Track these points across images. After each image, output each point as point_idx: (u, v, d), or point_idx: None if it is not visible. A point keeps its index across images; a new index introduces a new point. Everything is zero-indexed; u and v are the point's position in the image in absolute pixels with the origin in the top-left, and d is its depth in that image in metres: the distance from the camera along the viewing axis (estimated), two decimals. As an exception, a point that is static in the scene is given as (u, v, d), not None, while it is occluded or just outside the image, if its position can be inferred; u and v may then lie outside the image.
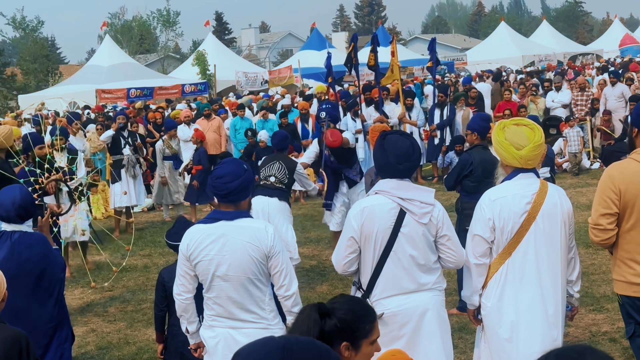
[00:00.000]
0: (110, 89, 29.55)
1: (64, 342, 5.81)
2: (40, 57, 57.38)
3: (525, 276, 4.82)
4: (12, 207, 5.61)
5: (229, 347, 4.67)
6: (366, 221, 4.78)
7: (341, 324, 3.07)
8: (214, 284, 4.66)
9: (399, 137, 4.96)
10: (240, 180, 4.65)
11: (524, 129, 4.84)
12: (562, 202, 4.86)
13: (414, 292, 4.83)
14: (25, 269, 5.59)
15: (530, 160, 4.82)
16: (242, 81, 32.90)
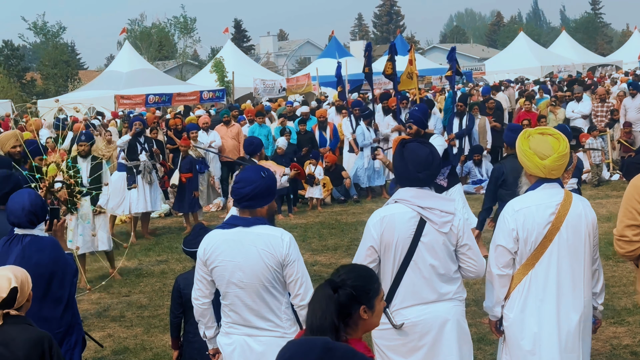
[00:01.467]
0: (129, 94, 29.71)
1: (73, 348, 5.77)
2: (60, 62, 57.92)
3: (549, 288, 4.74)
4: (22, 213, 5.60)
5: (244, 354, 4.65)
6: (386, 230, 4.73)
7: (356, 291, 3.33)
8: (229, 291, 4.62)
9: (418, 145, 4.91)
10: (253, 186, 4.61)
11: (549, 138, 4.77)
12: (586, 213, 4.79)
13: (434, 302, 4.77)
14: (36, 273, 5.54)
15: (554, 170, 4.75)
16: (259, 88, 32.95)
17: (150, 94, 29.66)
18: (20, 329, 4.39)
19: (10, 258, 5.52)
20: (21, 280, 4.40)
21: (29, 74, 61.05)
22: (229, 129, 16.98)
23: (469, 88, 27.98)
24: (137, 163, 13.75)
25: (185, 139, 15.26)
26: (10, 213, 5.66)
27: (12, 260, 5.44)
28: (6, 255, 5.56)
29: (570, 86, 21.15)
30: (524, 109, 18.42)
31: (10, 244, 5.65)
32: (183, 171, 14.30)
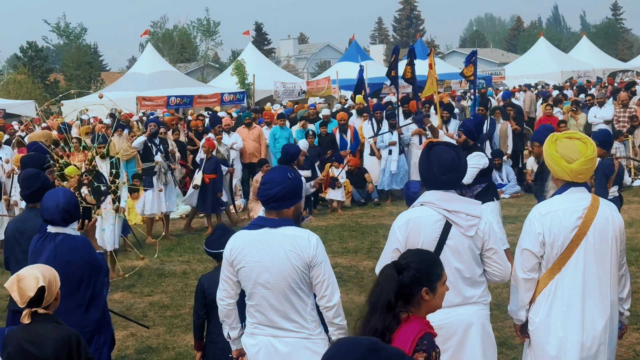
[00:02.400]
0: (151, 96, 29.82)
1: (102, 347, 5.80)
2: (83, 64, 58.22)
3: (575, 292, 4.70)
4: (56, 211, 5.62)
5: (269, 355, 4.64)
6: (411, 233, 4.73)
7: (418, 273, 3.66)
8: (255, 291, 4.61)
9: (444, 148, 4.90)
10: (280, 187, 4.60)
11: (577, 142, 4.73)
12: (613, 218, 4.74)
13: (459, 306, 4.75)
14: (67, 271, 5.58)
15: (581, 174, 4.71)
16: (280, 91, 32.99)
17: (171, 95, 29.77)
18: (48, 327, 4.41)
19: (42, 256, 5.55)
20: (49, 279, 4.42)
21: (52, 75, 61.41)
22: (250, 131, 17.02)
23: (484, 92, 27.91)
24: (151, 164, 13.75)
25: (209, 140, 15.28)
26: (45, 210, 5.69)
27: (44, 258, 5.48)
28: (39, 253, 5.59)
29: (628, 89, 20.85)
30: (545, 113, 18.34)
31: (43, 242, 5.68)
32: (207, 172, 14.29)
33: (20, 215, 6.63)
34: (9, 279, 4.47)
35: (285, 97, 32.11)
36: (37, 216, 6.38)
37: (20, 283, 4.37)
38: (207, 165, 14.41)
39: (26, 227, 6.35)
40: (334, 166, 15.89)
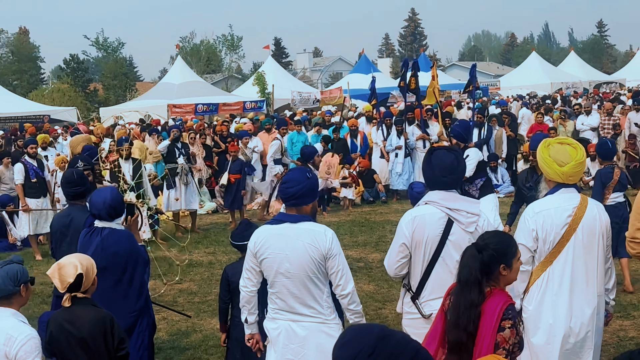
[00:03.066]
0: (180, 104, 29.86)
1: (145, 330, 5.82)
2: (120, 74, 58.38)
3: (564, 283, 4.70)
4: (103, 207, 5.65)
5: (289, 338, 4.65)
6: (417, 229, 4.72)
7: (496, 252, 3.80)
8: (276, 280, 4.62)
9: (445, 152, 4.91)
10: (300, 186, 4.61)
11: (568, 147, 4.73)
12: (600, 216, 4.74)
13: (460, 295, 4.73)
14: (113, 262, 5.62)
15: (571, 177, 4.71)
16: (296, 100, 32.99)
17: (199, 103, 29.79)
18: (86, 309, 4.45)
19: (90, 248, 5.58)
20: (86, 267, 4.47)
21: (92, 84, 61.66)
22: (270, 136, 17.05)
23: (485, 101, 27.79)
24: (174, 166, 13.76)
25: (234, 145, 15.29)
26: (93, 206, 5.73)
27: (92, 250, 5.51)
28: (87, 246, 5.62)
29: (635, 97, 20.63)
30: (536, 121, 18.29)
31: (90, 236, 5.71)
32: (233, 172, 14.34)
33: (65, 211, 6.67)
34: (51, 267, 4.52)
35: (301, 105, 32.10)
36: (80, 211, 6.42)
37: (61, 271, 4.42)
38: (232, 167, 14.46)
39: (71, 221, 6.39)
40: (345, 167, 15.88)
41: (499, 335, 3.68)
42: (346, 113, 22.98)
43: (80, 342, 4.37)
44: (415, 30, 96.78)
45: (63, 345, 4.42)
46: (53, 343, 4.46)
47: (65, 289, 4.42)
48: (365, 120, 19.48)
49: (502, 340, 3.68)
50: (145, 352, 5.78)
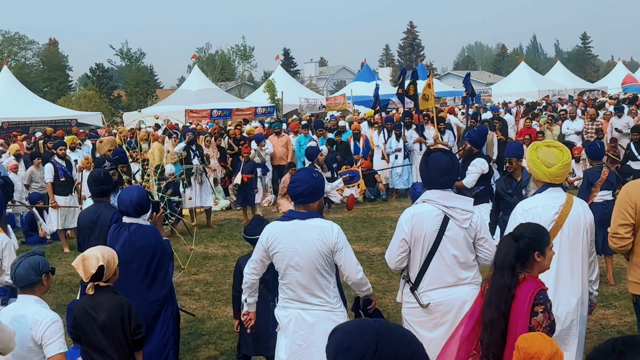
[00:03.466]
0: (197, 109, 29.87)
1: (170, 318, 5.85)
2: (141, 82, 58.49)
3: (551, 275, 4.66)
4: (130, 204, 5.69)
5: (298, 324, 4.65)
6: (416, 225, 4.72)
7: (532, 240, 3.88)
8: (287, 272, 4.62)
9: (440, 154, 4.90)
10: (306, 186, 4.61)
11: (554, 150, 4.72)
12: (585, 214, 4.73)
13: (455, 286, 4.74)
14: (139, 255, 5.64)
15: (558, 177, 4.70)
16: (303, 106, 33.04)
17: (214, 108, 29.82)
18: (107, 296, 4.48)
19: (119, 242, 5.61)
20: (107, 259, 4.49)
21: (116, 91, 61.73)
22: (279, 139, 17.06)
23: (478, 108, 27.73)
24: (190, 166, 13.78)
25: (246, 147, 15.30)
26: (121, 203, 5.76)
27: (120, 244, 5.55)
28: (116, 240, 5.65)
29: (599, 108, 20.59)
30: (525, 125, 18.23)
31: (119, 231, 5.74)
32: (245, 172, 14.36)
33: (92, 207, 6.68)
34: (76, 259, 4.55)
35: (308, 111, 32.13)
36: (106, 208, 6.43)
37: (85, 262, 4.46)
38: (245, 167, 14.48)
39: (98, 217, 6.39)
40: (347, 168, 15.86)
41: (533, 319, 3.74)
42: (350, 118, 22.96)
43: (101, 326, 4.40)
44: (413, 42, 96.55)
45: (86, 329, 4.45)
46: (77, 327, 4.49)
47: (89, 279, 4.45)
48: (367, 124, 19.46)
49: (536, 324, 3.74)
50: (171, 337, 5.81)
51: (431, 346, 4.71)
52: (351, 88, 35.40)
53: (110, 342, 4.40)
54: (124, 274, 5.64)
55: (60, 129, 24.24)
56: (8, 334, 3.85)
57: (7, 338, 3.83)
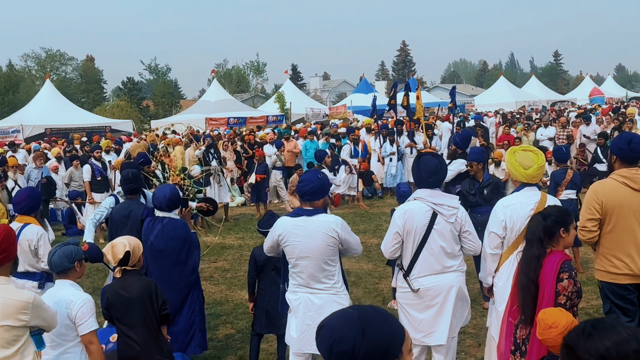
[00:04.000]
0: (216, 117, 29.90)
1: (196, 300, 5.88)
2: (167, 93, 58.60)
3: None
4: (163, 200, 5.75)
5: (307, 307, 4.65)
6: (408, 220, 4.71)
7: (558, 218, 3.97)
8: (297, 262, 4.62)
9: (430, 157, 4.88)
10: (313, 185, 4.60)
11: (530, 154, 4.71)
12: (557, 209, 4.71)
13: (443, 273, 4.73)
14: (171, 245, 5.68)
15: (534, 177, 4.69)
16: (309, 114, 33.03)
17: (230, 117, 29.85)
18: (135, 278, 4.53)
19: (153, 233, 5.67)
20: (133, 246, 4.54)
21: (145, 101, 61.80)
22: (288, 143, 17.04)
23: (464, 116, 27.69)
24: (208, 168, 13.77)
25: (259, 151, 15.29)
26: (155, 199, 5.82)
27: (154, 235, 5.60)
28: (150, 231, 5.70)
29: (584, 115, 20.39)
30: (504, 132, 18.22)
31: (153, 224, 5.79)
32: (258, 173, 14.37)
33: (124, 204, 6.69)
34: (106, 246, 4.62)
35: (313, 119, 32.13)
36: (137, 204, 6.45)
37: (113, 249, 4.52)
38: (258, 168, 14.48)
39: (130, 212, 6.41)
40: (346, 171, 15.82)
41: (559, 285, 3.82)
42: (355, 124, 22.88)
43: (132, 304, 4.42)
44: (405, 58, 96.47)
45: (118, 308, 4.47)
46: (110, 307, 4.51)
47: (117, 263, 4.49)
48: (365, 131, 19.43)
49: (561, 289, 3.81)
50: (197, 317, 5.86)
51: (421, 326, 4.72)
52: (351, 99, 35.41)
53: (140, 318, 4.43)
54: (158, 261, 5.67)
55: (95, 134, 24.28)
56: (52, 314, 3.87)
57: (51, 316, 3.85)
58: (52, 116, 28.55)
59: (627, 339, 1.93)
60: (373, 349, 1.88)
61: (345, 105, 33.78)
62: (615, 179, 4.70)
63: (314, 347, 4.62)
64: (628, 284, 4.72)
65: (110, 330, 5.16)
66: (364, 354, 1.88)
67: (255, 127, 27.88)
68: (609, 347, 1.92)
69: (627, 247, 4.66)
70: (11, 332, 3.65)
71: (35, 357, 3.79)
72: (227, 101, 35.94)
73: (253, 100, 62.13)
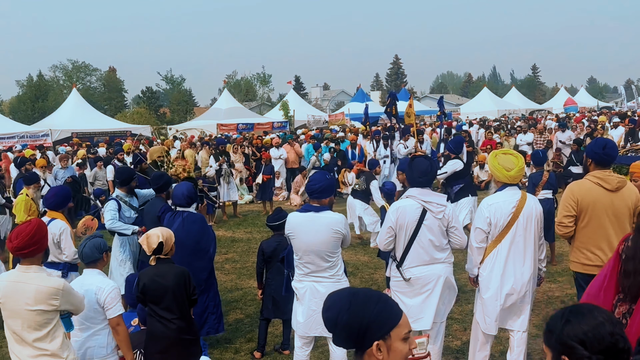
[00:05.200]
0: (226, 123, 29.90)
1: (210, 287, 5.97)
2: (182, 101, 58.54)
3: (510, 256, 4.69)
4: (182, 196, 5.81)
5: (312, 294, 4.66)
6: (400, 216, 4.72)
7: None
8: (304, 255, 4.62)
9: (422, 159, 4.88)
10: (320, 184, 4.61)
11: (511, 157, 4.72)
12: (536, 207, 4.73)
13: (432, 264, 4.74)
14: (190, 236, 5.72)
15: (515, 178, 4.70)
16: (311, 121, 33.03)
17: (239, 123, 29.84)
18: (168, 266, 4.53)
19: (174, 225, 5.69)
20: (166, 237, 4.54)
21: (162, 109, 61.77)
22: (292, 147, 17.04)
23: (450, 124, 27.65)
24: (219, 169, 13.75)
25: (266, 153, 15.30)
26: (175, 197, 5.88)
27: (176, 226, 5.63)
28: (171, 224, 5.74)
29: (560, 122, 20.32)
30: (487, 137, 18.21)
31: (174, 217, 5.85)
32: (265, 174, 14.38)
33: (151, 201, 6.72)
34: (141, 237, 4.63)
35: (314, 125, 32.13)
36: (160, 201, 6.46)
37: (148, 239, 4.52)
38: (265, 169, 14.50)
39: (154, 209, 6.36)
40: (347, 171, 15.83)
41: None
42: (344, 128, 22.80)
43: (169, 290, 4.42)
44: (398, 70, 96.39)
45: (155, 293, 4.45)
46: (147, 292, 4.46)
47: (151, 252, 4.49)
48: (362, 136, 19.43)
49: None
50: (211, 303, 5.91)
51: (411, 311, 4.73)
52: (349, 107, 35.47)
53: (175, 301, 4.44)
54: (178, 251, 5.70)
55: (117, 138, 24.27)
56: (79, 298, 3.88)
57: (79, 301, 3.87)
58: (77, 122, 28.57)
59: (603, 322, 1.94)
60: (353, 322, 1.90)
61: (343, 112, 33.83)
62: (591, 180, 4.71)
63: (318, 329, 4.64)
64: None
65: (132, 314, 5.18)
66: (344, 323, 1.91)
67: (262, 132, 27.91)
68: (586, 331, 1.92)
69: (599, 241, 4.67)
70: (43, 316, 3.67)
71: (65, 338, 3.81)
72: (237, 109, 35.93)
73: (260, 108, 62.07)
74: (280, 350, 5.94)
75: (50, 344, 3.70)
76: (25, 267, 3.72)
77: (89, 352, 4.20)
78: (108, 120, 33.56)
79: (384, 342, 1.90)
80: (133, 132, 30.47)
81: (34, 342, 3.67)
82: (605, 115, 26.21)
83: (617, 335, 1.92)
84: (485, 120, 31.05)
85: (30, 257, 3.72)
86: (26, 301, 3.64)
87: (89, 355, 4.20)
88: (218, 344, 6.21)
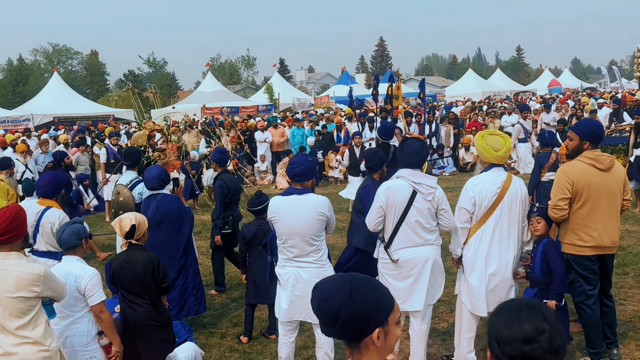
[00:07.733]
0: (211, 107, 29.65)
1: (189, 269, 5.90)
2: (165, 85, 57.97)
3: (494, 237, 4.68)
4: (153, 179, 5.74)
5: (296, 279, 4.62)
6: (390, 196, 4.69)
7: None
8: (287, 238, 4.57)
9: (414, 141, 4.85)
10: (302, 167, 4.56)
11: (498, 137, 4.69)
12: (521, 188, 4.72)
13: (420, 246, 4.72)
14: (166, 218, 5.65)
15: (503, 159, 4.68)
16: (296, 104, 32.86)
17: (224, 107, 29.59)
18: (139, 252, 4.48)
19: (150, 209, 5.62)
20: (139, 221, 4.52)
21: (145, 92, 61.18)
22: (277, 130, 16.96)
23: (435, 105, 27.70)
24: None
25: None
26: (147, 181, 5.79)
27: (152, 209, 5.56)
28: (147, 207, 5.70)
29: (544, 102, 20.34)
30: (473, 119, 18.24)
31: (149, 200, 5.78)
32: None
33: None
34: (114, 220, 4.60)
35: (299, 108, 32.00)
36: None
37: (121, 222, 4.49)
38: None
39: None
40: (332, 153, 15.82)
41: None
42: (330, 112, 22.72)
43: (136, 276, 4.38)
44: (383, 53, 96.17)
45: (123, 279, 4.43)
46: (115, 277, 4.48)
47: (123, 235, 4.45)
48: (347, 119, 19.38)
49: None
50: (190, 284, 5.85)
51: (400, 293, 4.72)
52: (334, 90, 35.26)
53: (143, 289, 4.41)
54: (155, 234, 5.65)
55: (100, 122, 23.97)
56: (61, 284, 3.82)
57: (61, 287, 3.81)
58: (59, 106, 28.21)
59: (522, 326, 1.71)
60: (358, 312, 1.82)
61: (328, 95, 33.69)
62: (583, 161, 4.69)
63: (302, 314, 4.61)
64: (592, 255, 4.74)
65: (114, 301, 5.13)
66: (348, 315, 1.82)
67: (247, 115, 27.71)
68: (501, 330, 1.75)
69: (594, 222, 4.66)
70: (25, 303, 3.60)
71: (48, 326, 3.75)
72: (221, 92, 35.66)
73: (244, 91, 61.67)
74: (266, 335, 5.93)
75: (33, 331, 3.63)
76: (5, 254, 3.64)
77: (69, 341, 4.13)
78: (90, 105, 33.16)
79: (382, 329, 1.85)
80: (116, 116, 30.17)
81: (16, 330, 3.61)
82: (589, 97, 26.36)
83: (536, 344, 1.68)
84: (474, 102, 31.16)
85: (9, 244, 3.64)
86: (7, 288, 3.57)
87: (69, 344, 4.13)
88: (204, 329, 6.18)
